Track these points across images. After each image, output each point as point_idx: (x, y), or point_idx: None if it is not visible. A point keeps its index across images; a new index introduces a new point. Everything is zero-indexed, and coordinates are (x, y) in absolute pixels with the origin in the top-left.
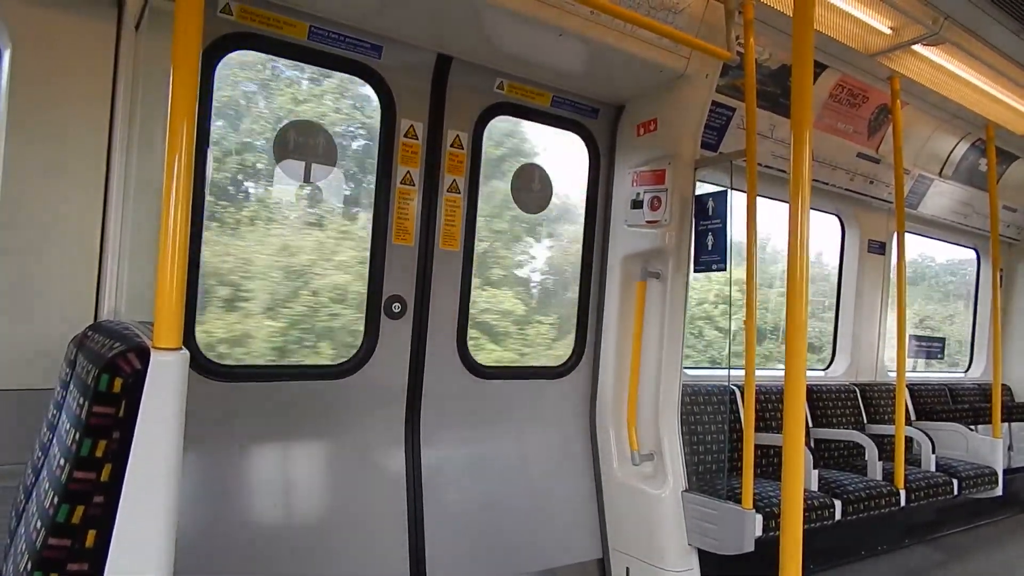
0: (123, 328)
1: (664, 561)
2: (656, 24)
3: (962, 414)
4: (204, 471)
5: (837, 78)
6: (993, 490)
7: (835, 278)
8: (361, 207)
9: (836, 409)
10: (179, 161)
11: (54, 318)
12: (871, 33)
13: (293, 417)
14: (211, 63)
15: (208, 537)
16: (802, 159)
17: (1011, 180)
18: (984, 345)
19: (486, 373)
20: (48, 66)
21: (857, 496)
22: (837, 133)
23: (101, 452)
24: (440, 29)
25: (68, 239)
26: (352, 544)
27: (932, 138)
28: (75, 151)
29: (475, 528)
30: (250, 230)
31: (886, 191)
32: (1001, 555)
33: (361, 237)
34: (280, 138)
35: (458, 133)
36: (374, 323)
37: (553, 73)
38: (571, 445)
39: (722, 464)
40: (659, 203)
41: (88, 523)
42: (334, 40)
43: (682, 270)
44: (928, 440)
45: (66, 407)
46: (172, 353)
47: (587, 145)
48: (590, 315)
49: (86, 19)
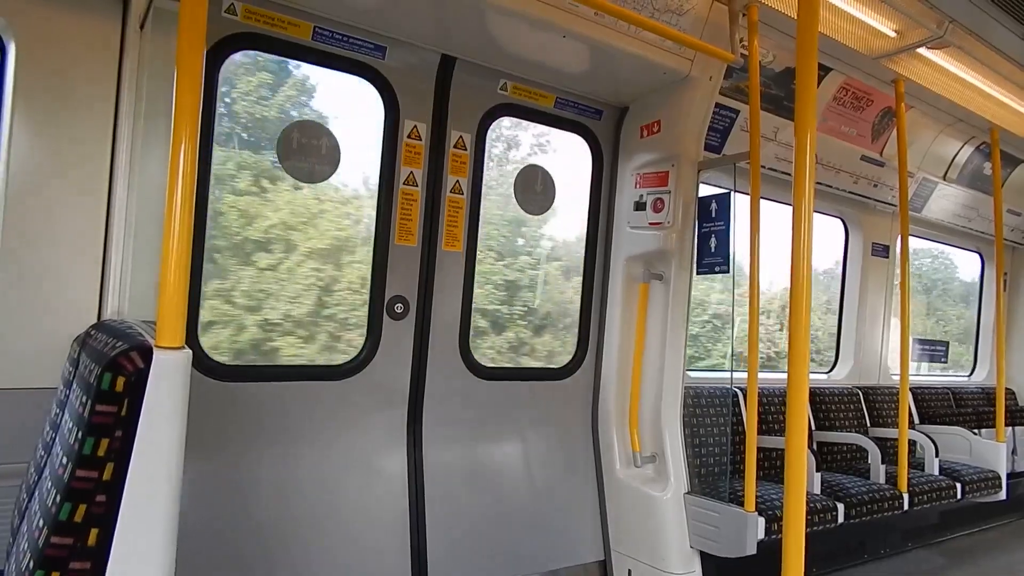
0: (126, 327)
1: (666, 563)
2: (660, 26)
3: (966, 418)
4: (206, 470)
5: (841, 81)
6: (997, 494)
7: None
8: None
9: (839, 412)
10: (183, 160)
11: (58, 317)
12: (875, 36)
13: (295, 417)
14: (215, 63)
15: (210, 536)
16: (805, 162)
17: (1016, 184)
18: (988, 349)
19: (488, 374)
20: (52, 65)
21: (860, 499)
22: (841, 136)
23: (103, 451)
24: (444, 30)
25: (72, 238)
26: (354, 545)
27: (936, 141)
28: (79, 150)
29: (477, 530)
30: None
31: (890, 194)
32: (1005, 559)
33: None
34: (284, 139)
35: (461, 134)
36: (376, 324)
37: (557, 74)
38: (573, 447)
39: (724, 466)
40: (662, 205)
41: (90, 521)
42: (338, 40)
43: (685, 272)
44: (931, 444)
45: (69, 406)
46: (175, 352)
47: (590, 146)
48: (593, 316)
49: (90, 18)
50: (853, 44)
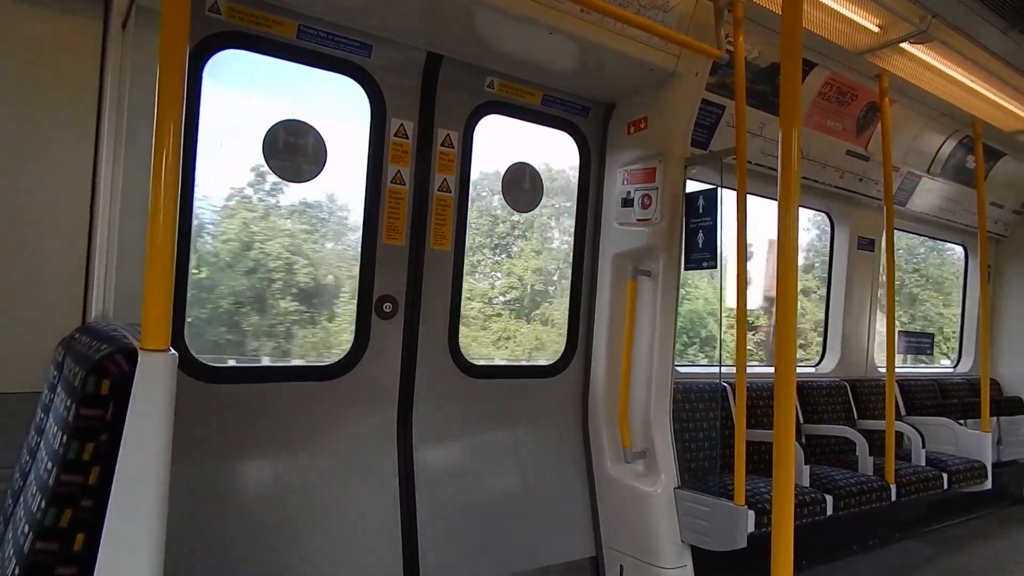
0: (111, 330)
1: (657, 558)
2: (646, 22)
3: (951, 409)
4: (194, 473)
5: (826, 76)
6: (983, 484)
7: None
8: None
9: (827, 405)
10: (165, 161)
11: (42, 321)
12: (859, 31)
13: (285, 418)
14: (199, 62)
15: (199, 539)
16: (791, 157)
17: (998, 177)
18: (972, 340)
19: (478, 372)
20: (33, 66)
21: (848, 491)
22: (826, 131)
23: (89, 455)
24: (430, 27)
25: (56, 241)
26: (345, 544)
27: (920, 135)
28: (63, 151)
29: (468, 527)
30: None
31: (875, 188)
32: (991, 548)
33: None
34: (269, 138)
35: (449, 132)
36: (365, 323)
37: (544, 72)
38: (564, 443)
39: (714, 461)
40: (650, 201)
41: (76, 527)
42: (323, 39)
43: (673, 268)
44: (918, 435)
45: (53, 410)
46: (160, 354)
47: (578, 144)
48: (582, 313)
49: (71, 18)
50: (837, 39)
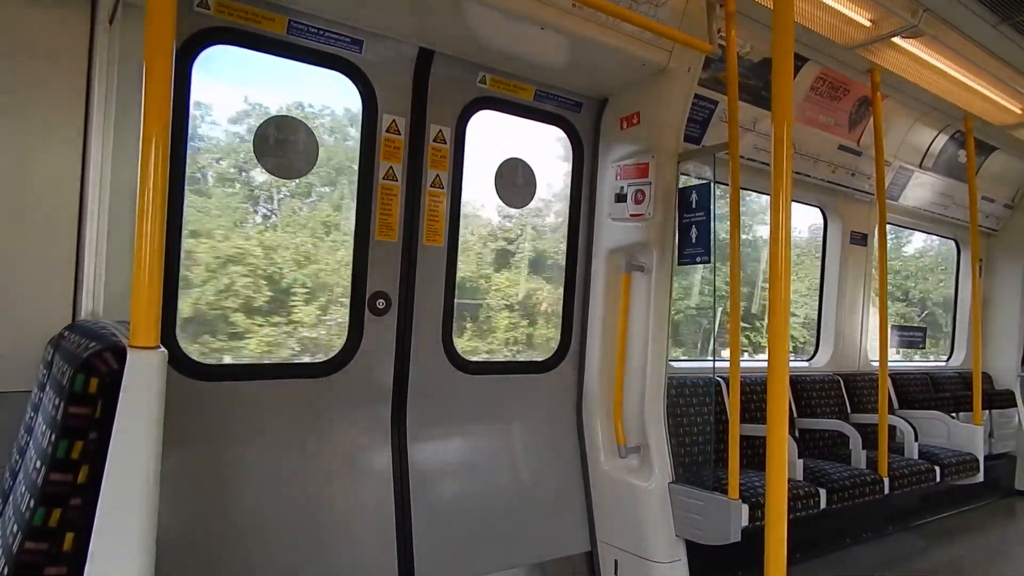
0: (100, 328)
1: (652, 553)
2: (638, 17)
3: (944, 402)
4: (186, 471)
5: (818, 71)
6: (975, 476)
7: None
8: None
9: (820, 399)
10: (153, 158)
11: (31, 320)
12: (851, 26)
13: (277, 416)
14: (187, 58)
15: (190, 538)
16: (783, 152)
17: (990, 171)
18: (964, 334)
19: (472, 368)
20: (20, 62)
21: (842, 485)
22: (818, 126)
23: (77, 453)
24: (422, 22)
25: (44, 239)
26: (340, 541)
27: (912, 130)
28: (51, 148)
29: (463, 523)
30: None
31: (868, 183)
32: (983, 540)
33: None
34: (260, 134)
35: (441, 128)
36: (358, 320)
37: (536, 67)
38: (558, 439)
39: (708, 455)
40: (643, 196)
41: (65, 526)
42: (314, 34)
43: (666, 263)
44: (911, 428)
45: (42, 409)
46: (149, 352)
47: (570, 139)
48: (576, 309)
49: (58, 13)
50: (829, 34)
